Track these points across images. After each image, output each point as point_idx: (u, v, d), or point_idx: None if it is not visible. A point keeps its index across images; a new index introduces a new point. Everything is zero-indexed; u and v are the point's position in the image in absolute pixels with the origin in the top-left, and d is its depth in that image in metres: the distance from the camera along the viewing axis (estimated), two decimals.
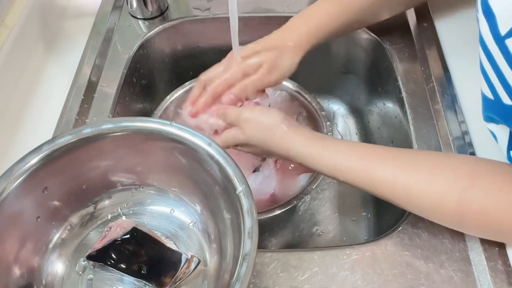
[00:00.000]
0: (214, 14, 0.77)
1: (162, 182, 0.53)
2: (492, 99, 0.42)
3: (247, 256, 0.38)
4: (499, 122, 0.43)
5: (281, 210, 0.58)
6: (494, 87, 0.41)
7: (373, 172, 0.46)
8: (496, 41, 0.38)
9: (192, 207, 0.53)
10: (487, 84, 0.42)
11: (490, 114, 0.44)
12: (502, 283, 0.45)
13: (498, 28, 0.38)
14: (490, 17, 0.38)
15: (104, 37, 0.72)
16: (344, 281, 0.46)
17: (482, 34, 0.40)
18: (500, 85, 0.40)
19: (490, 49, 0.40)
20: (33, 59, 0.67)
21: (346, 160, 0.48)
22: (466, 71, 0.64)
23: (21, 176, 0.44)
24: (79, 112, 0.62)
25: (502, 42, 0.37)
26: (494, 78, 0.40)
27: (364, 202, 0.76)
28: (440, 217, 0.46)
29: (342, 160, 0.48)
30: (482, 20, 0.40)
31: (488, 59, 0.40)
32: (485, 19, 0.39)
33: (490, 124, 0.46)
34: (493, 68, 0.40)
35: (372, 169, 0.47)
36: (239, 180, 0.43)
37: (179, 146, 0.48)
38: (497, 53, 0.39)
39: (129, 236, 0.48)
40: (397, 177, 0.45)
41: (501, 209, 0.41)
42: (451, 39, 0.68)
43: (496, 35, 0.38)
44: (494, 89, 0.41)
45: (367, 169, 0.47)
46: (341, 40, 0.77)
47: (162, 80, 0.81)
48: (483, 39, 0.40)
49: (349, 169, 0.48)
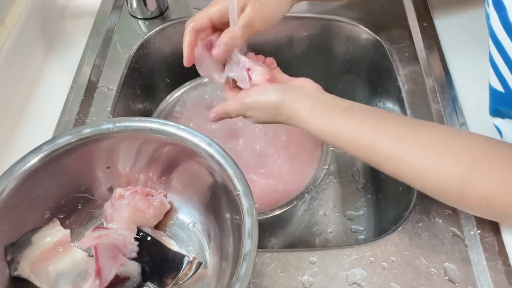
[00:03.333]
0: None
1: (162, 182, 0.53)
2: (502, 92, 0.42)
3: (247, 256, 0.39)
4: (505, 116, 0.43)
5: (281, 210, 0.58)
6: (505, 79, 0.41)
7: (381, 150, 0.46)
8: (508, 31, 0.39)
9: (192, 207, 0.53)
10: (497, 76, 0.43)
11: (498, 108, 0.44)
12: (502, 283, 0.45)
13: (509, 19, 0.39)
14: (500, 9, 0.39)
15: (104, 37, 0.72)
16: (344, 281, 0.46)
17: (493, 27, 0.41)
18: (511, 76, 0.40)
19: (501, 40, 0.40)
20: (33, 59, 0.67)
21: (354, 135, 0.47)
22: (466, 71, 0.64)
23: (21, 176, 0.44)
24: (79, 112, 0.62)
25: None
26: (504, 69, 0.41)
27: (364, 202, 0.76)
28: (444, 197, 0.46)
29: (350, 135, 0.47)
30: (493, 13, 0.41)
31: (499, 51, 0.41)
32: (495, 11, 0.40)
33: (496, 119, 0.46)
34: (503, 59, 0.41)
35: (380, 146, 0.46)
36: (239, 180, 0.43)
37: (179, 146, 0.48)
38: (508, 44, 0.40)
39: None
40: (404, 157, 0.45)
41: (502, 193, 0.41)
42: (451, 39, 0.68)
43: (507, 26, 0.39)
44: (505, 81, 0.41)
45: (375, 146, 0.46)
46: (342, 40, 0.77)
47: (162, 80, 0.81)
48: (494, 31, 0.41)
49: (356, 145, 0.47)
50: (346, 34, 0.76)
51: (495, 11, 0.40)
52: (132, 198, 0.49)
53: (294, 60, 0.82)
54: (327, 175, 0.77)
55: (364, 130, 0.47)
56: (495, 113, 0.45)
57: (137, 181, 0.53)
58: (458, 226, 0.50)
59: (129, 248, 0.47)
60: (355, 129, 0.47)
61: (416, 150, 0.45)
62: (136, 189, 0.51)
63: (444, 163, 0.43)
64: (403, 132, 0.47)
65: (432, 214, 0.51)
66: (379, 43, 0.72)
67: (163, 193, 0.53)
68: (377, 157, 0.46)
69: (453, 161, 0.43)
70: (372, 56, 0.75)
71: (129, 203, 0.49)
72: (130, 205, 0.49)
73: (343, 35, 0.77)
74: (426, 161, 0.44)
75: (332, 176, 0.79)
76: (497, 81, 0.42)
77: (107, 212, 0.50)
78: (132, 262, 0.47)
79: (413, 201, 0.53)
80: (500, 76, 0.42)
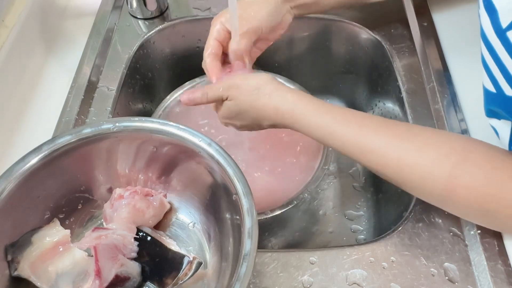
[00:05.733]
0: (214, 14, 0.76)
1: (161, 182, 0.53)
2: (494, 92, 0.43)
3: (247, 256, 0.39)
4: (501, 117, 0.44)
5: (281, 210, 0.58)
6: (496, 80, 0.42)
7: (365, 141, 0.46)
8: (498, 34, 0.40)
9: (192, 207, 0.53)
10: (489, 77, 0.43)
11: (492, 108, 0.44)
12: (502, 283, 0.45)
13: (499, 21, 0.39)
14: (492, 12, 0.40)
15: (104, 37, 0.72)
16: (344, 281, 0.46)
17: (484, 29, 0.42)
18: (502, 77, 0.41)
19: (491, 42, 0.41)
20: (33, 59, 0.67)
21: (338, 124, 0.47)
22: (466, 70, 0.64)
23: (21, 176, 0.44)
24: (79, 112, 0.62)
25: (504, 35, 0.39)
26: (496, 71, 0.41)
27: (364, 202, 0.76)
28: (428, 192, 0.45)
29: (335, 123, 0.47)
30: (484, 15, 0.41)
31: (490, 53, 0.42)
32: (487, 14, 0.41)
33: (492, 119, 0.46)
34: (494, 61, 0.41)
35: (365, 137, 0.46)
36: (239, 180, 0.43)
37: (179, 146, 0.48)
38: (498, 46, 0.40)
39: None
40: (389, 147, 0.45)
41: (490, 186, 0.42)
42: (451, 38, 0.68)
43: (497, 28, 0.39)
44: (496, 81, 0.42)
45: (360, 136, 0.46)
46: (341, 40, 0.77)
47: (162, 80, 0.81)
48: (485, 33, 0.42)
49: (340, 134, 0.47)
50: (346, 34, 0.76)
51: (486, 14, 0.41)
52: (132, 198, 0.49)
53: (294, 60, 0.82)
54: (327, 175, 0.77)
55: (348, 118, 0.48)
56: (491, 114, 0.46)
57: (136, 181, 0.53)
58: (458, 226, 0.50)
59: (129, 248, 0.47)
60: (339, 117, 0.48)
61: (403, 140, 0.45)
62: (136, 189, 0.51)
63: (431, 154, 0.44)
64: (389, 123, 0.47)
65: (432, 214, 0.51)
66: (379, 43, 0.72)
67: (163, 193, 0.53)
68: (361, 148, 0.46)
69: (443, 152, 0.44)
70: (372, 56, 0.75)
71: (129, 203, 0.49)
72: (129, 205, 0.49)
73: (343, 35, 0.77)
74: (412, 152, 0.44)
75: (332, 176, 0.79)
76: (489, 82, 0.43)
77: (106, 212, 0.50)
78: (132, 262, 0.47)
79: (413, 201, 0.53)
80: (491, 77, 0.42)
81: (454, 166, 0.42)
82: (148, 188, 0.52)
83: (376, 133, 0.46)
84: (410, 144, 0.45)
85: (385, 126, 0.47)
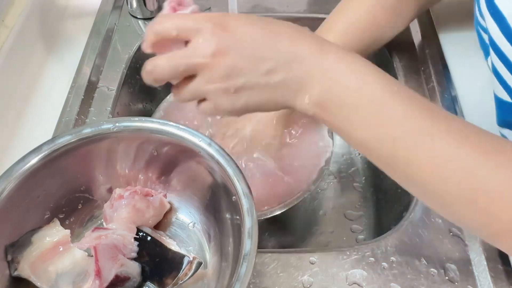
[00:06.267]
0: None
1: (161, 182, 0.53)
2: (510, 101, 0.41)
3: (247, 256, 0.38)
4: None
5: (281, 210, 0.58)
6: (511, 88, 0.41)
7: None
8: (508, 39, 0.39)
9: (192, 207, 0.53)
10: (502, 86, 0.41)
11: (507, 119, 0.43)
12: (502, 283, 0.45)
13: (510, 26, 0.38)
14: (500, 19, 0.39)
15: (104, 37, 0.72)
16: (344, 281, 0.46)
17: (493, 37, 0.41)
18: None
19: (502, 49, 0.40)
20: (33, 59, 0.67)
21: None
22: (466, 71, 0.64)
23: (21, 176, 0.44)
24: (79, 112, 0.62)
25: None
26: (510, 79, 0.40)
27: (364, 202, 0.76)
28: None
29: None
30: (491, 23, 0.40)
31: (501, 61, 0.41)
32: (494, 22, 0.40)
33: (504, 129, 0.45)
34: (507, 68, 0.40)
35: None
36: (239, 180, 0.43)
37: (179, 146, 0.48)
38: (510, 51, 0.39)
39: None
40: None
41: None
42: (451, 39, 0.68)
43: (508, 34, 0.39)
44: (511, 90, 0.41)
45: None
46: None
47: None
48: (494, 41, 0.40)
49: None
50: None
51: (494, 22, 0.40)
52: (131, 198, 0.49)
53: None
54: (327, 175, 0.77)
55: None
56: (504, 124, 0.44)
57: (136, 181, 0.53)
58: (458, 226, 0.50)
59: (129, 248, 0.47)
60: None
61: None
62: (135, 189, 0.51)
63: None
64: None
65: (432, 214, 0.51)
66: None
67: (163, 193, 0.53)
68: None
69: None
70: (372, 56, 0.75)
71: (128, 203, 0.49)
72: (129, 205, 0.49)
73: None
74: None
75: (332, 176, 0.79)
76: (502, 90, 0.41)
77: (106, 212, 0.50)
78: (132, 262, 0.47)
79: (413, 201, 0.53)
80: (505, 85, 0.41)
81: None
82: (148, 188, 0.52)
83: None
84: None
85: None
